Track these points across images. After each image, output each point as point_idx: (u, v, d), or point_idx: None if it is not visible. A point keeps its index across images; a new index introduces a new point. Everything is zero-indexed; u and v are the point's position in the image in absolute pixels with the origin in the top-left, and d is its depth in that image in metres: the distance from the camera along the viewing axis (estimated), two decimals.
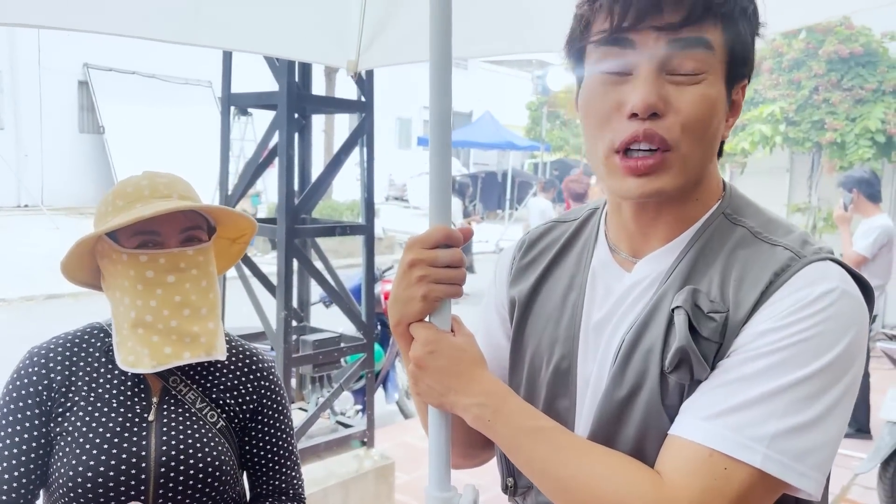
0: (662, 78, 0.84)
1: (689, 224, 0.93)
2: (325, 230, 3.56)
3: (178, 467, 1.27)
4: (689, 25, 0.83)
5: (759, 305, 0.84)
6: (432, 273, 0.93)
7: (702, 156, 0.88)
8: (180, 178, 1.37)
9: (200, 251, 1.32)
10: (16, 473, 1.26)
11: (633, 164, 0.86)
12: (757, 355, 0.81)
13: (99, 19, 1.85)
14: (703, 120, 0.85)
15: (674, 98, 0.84)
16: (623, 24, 0.84)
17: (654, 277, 0.92)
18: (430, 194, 1.00)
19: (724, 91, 0.87)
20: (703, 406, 0.83)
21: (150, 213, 1.24)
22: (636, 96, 0.84)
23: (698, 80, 0.84)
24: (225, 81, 3.41)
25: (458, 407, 0.93)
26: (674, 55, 0.84)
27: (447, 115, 0.99)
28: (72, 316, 8.02)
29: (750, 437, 0.79)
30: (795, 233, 0.90)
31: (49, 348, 1.34)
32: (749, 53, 0.89)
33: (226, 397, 1.37)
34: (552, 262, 1.06)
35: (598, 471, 0.85)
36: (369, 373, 3.67)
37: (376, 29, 2.11)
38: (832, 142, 7.40)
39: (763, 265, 0.86)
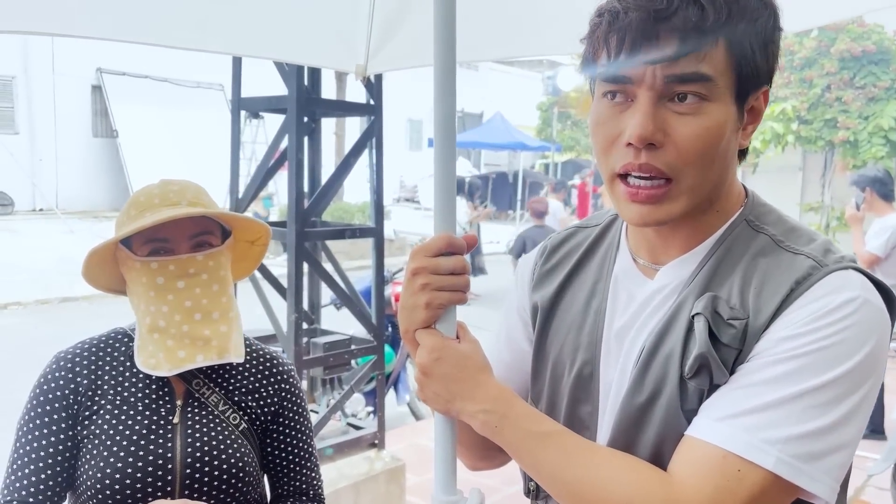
0: (663, 107, 0.84)
1: (710, 232, 0.93)
2: (334, 233, 3.58)
3: (204, 468, 1.30)
4: (685, 57, 0.81)
5: (779, 312, 0.84)
6: (435, 281, 0.94)
7: (713, 179, 0.88)
8: (193, 184, 1.39)
9: (210, 256, 1.34)
10: (42, 476, 1.29)
11: (633, 192, 0.87)
12: (776, 360, 0.82)
13: (109, 27, 1.88)
14: (706, 150, 0.84)
15: (673, 128, 0.84)
16: (619, 60, 0.84)
17: (675, 285, 0.93)
18: (435, 202, 1.01)
19: (732, 109, 0.86)
20: (720, 408, 0.83)
21: (150, 223, 1.27)
22: (632, 127, 0.84)
23: (700, 107, 0.83)
24: (235, 86, 3.43)
25: (465, 413, 0.93)
26: (671, 86, 0.83)
27: (451, 123, 1.00)
28: (87, 319, 8.12)
29: (764, 439, 0.79)
30: (818, 241, 0.90)
31: (75, 353, 1.37)
32: (762, 62, 0.87)
33: (247, 400, 1.40)
34: (575, 267, 1.06)
35: (607, 473, 0.85)
36: (380, 374, 3.68)
37: (385, 34, 2.12)
38: (845, 140, 7.35)
39: (784, 273, 0.86)
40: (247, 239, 1.47)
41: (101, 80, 16.11)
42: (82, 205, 16.03)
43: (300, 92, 3.10)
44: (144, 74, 16.30)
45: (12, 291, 9.07)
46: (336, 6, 2.10)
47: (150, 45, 1.97)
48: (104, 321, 1.47)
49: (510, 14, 1.86)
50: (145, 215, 1.30)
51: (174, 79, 16.66)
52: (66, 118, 15.95)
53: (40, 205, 15.66)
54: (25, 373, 6.54)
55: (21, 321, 8.13)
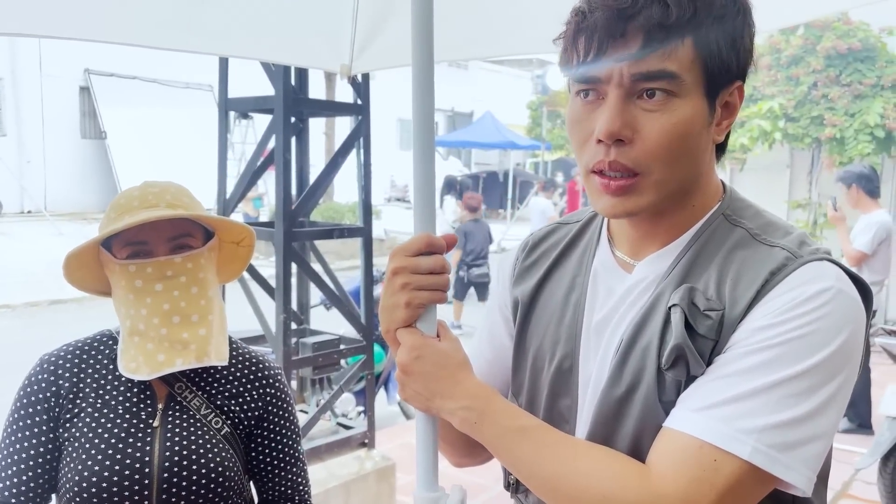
0: (633, 103, 0.86)
1: (686, 227, 0.94)
2: (322, 233, 3.58)
3: (181, 473, 1.29)
4: (650, 55, 0.83)
5: (754, 303, 0.85)
6: (414, 280, 0.95)
7: (680, 175, 0.89)
8: (174, 185, 1.38)
9: (189, 258, 1.33)
10: (24, 478, 1.29)
11: (605, 183, 0.89)
12: (751, 351, 0.83)
13: (96, 28, 1.87)
14: (672, 145, 0.86)
15: (642, 124, 0.85)
16: (587, 60, 0.86)
17: (653, 278, 0.94)
18: (414, 202, 1.02)
19: (703, 105, 0.87)
20: (696, 399, 0.84)
21: (122, 226, 1.26)
22: (600, 124, 0.86)
23: (667, 103, 0.85)
24: (222, 86, 3.43)
25: (444, 411, 0.94)
26: (638, 83, 0.85)
27: (430, 123, 1.01)
28: (76, 321, 8.07)
29: (740, 429, 0.80)
30: (793, 234, 0.92)
31: (59, 355, 1.36)
32: (733, 57, 0.88)
33: (230, 404, 1.38)
34: (555, 262, 1.08)
35: (584, 467, 0.86)
36: (369, 374, 3.69)
37: (369, 33, 2.12)
38: (831, 137, 7.39)
39: (760, 265, 0.87)
40: (232, 240, 1.46)
41: (90, 82, 16.02)
42: (71, 207, 15.94)
43: (287, 92, 3.10)
44: (133, 75, 16.23)
45: (1, 294, 9.02)
46: (320, 6, 2.10)
47: (137, 47, 1.96)
48: (94, 323, 1.47)
49: (493, 12, 1.87)
50: (124, 218, 1.30)
51: (163, 79, 16.59)
52: (54, 120, 15.85)
53: (28, 207, 15.56)
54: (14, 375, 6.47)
55: (10, 324, 8.09)
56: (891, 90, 7.25)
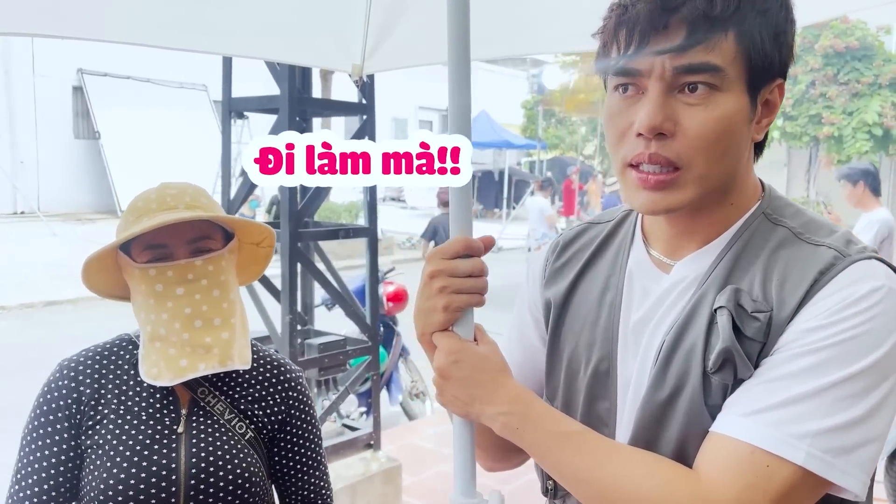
0: (673, 97, 0.84)
1: (725, 227, 0.93)
2: (328, 233, 3.56)
3: (209, 479, 1.27)
4: (694, 47, 0.82)
5: (803, 304, 0.83)
6: (453, 283, 0.93)
7: (722, 171, 0.88)
8: (192, 186, 1.36)
9: (210, 260, 1.31)
10: (45, 486, 1.27)
11: (644, 178, 0.87)
12: (801, 353, 0.81)
13: (101, 28, 1.85)
14: (716, 140, 0.84)
15: (684, 118, 0.84)
16: (628, 53, 0.85)
17: (693, 278, 0.92)
18: (451, 204, 1.00)
19: (745, 101, 0.86)
20: (745, 403, 0.82)
21: (140, 230, 1.24)
22: (641, 117, 0.85)
23: (709, 98, 0.84)
24: (225, 87, 3.40)
25: (485, 416, 0.93)
26: (681, 76, 0.83)
27: (466, 123, 0.99)
28: (72, 322, 8.03)
29: (792, 434, 0.79)
30: (838, 232, 0.90)
31: (78, 361, 1.34)
32: (774, 53, 0.87)
33: (254, 408, 1.37)
34: (587, 263, 1.06)
35: (631, 472, 0.84)
36: (374, 375, 3.67)
37: (381, 33, 2.11)
38: (830, 136, 7.42)
39: (807, 265, 0.86)
40: (251, 241, 1.44)
41: (83, 82, 15.93)
42: (65, 207, 15.84)
43: (292, 91, 3.08)
44: (126, 75, 16.14)
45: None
46: (333, 7, 2.08)
47: (148, 47, 1.94)
48: (90, 325, 1.46)
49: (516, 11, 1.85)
50: (142, 220, 1.28)
51: (156, 79, 16.50)
52: (48, 120, 15.75)
53: (22, 208, 15.46)
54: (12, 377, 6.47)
55: (6, 325, 8.03)
56: (888, 88, 7.28)
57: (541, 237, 9.50)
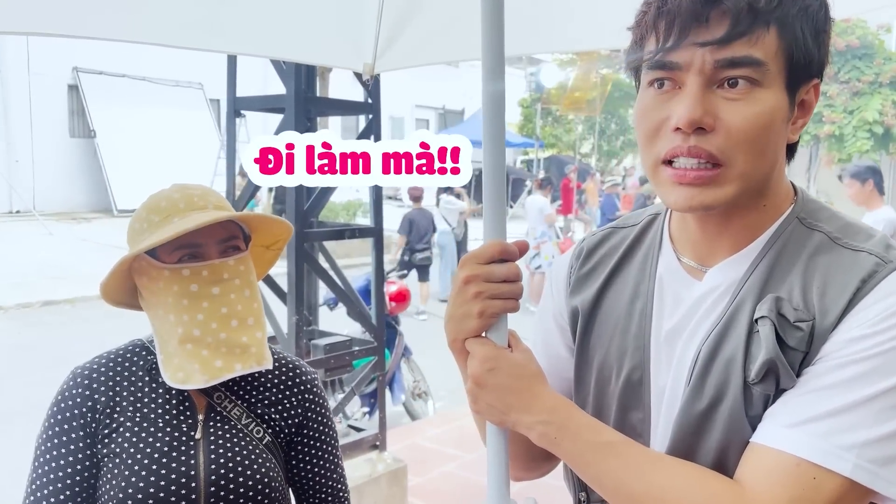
0: (712, 92, 0.83)
1: (758, 231, 0.91)
2: (334, 233, 3.55)
3: (228, 485, 1.26)
4: (736, 40, 0.80)
5: (846, 312, 0.82)
6: (488, 289, 0.91)
7: (763, 169, 0.86)
8: (211, 189, 1.35)
9: (241, 260, 1.30)
10: (62, 497, 1.24)
11: (681, 174, 0.85)
12: (846, 363, 0.80)
13: (108, 26, 1.83)
14: (756, 136, 0.82)
15: (724, 113, 0.82)
16: (668, 45, 0.83)
17: (727, 286, 0.90)
18: (485, 208, 0.99)
19: (784, 98, 0.84)
20: (789, 414, 0.81)
21: (193, 226, 1.21)
22: (680, 111, 0.82)
23: (750, 92, 0.82)
24: (230, 86, 3.38)
25: (521, 425, 0.91)
26: (721, 70, 0.82)
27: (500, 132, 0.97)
28: (70, 322, 7.98)
29: (839, 445, 0.78)
30: (876, 237, 0.88)
31: (92, 369, 1.31)
32: (813, 53, 0.85)
33: (270, 412, 1.35)
34: (614, 269, 1.04)
35: (674, 484, 0.83)
36: (380, 375, 3.65)
37: (393, 32, 2.09)
38: (830, 134, 7.42)
39: (847, 271, 0.84)
40: (263, 244, 1.43)
41: (78, 80, 15.86)
42: (60, 206, 15.77)
43: (299, 91, 3.05)
44: (122, 73, 16.07)
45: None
46: (344, 6, 2.06)
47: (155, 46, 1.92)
48: (87, 324, 1.43)
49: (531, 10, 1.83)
50: (173, 220, 1.26)
51: (152, 77, 16.44)
52: (43, 118, 15.66)
53: (17, 206, 15.38)
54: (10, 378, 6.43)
55: (3, 326, 7.98)
56: (889, 87, 7.29)
57: (540, 236, 9.48)
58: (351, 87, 3.13)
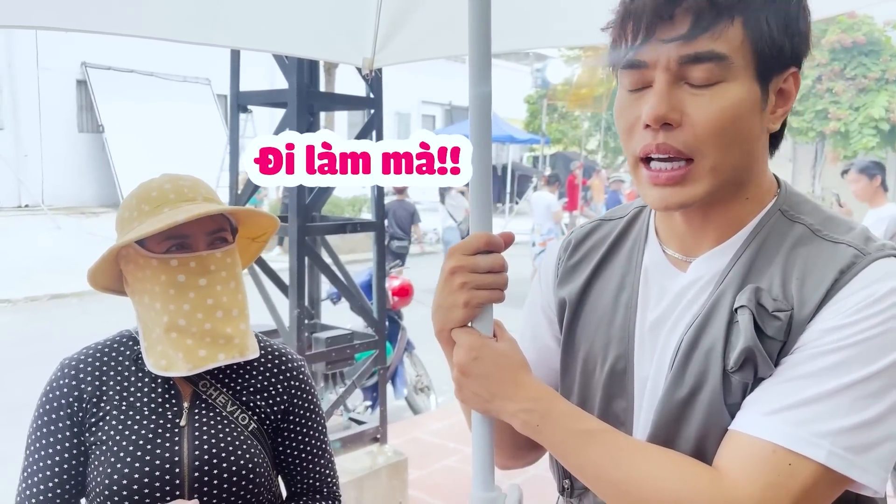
0: (680, 88, 0.84)
1: (742, 223, 0.92)
2: (335, 227, 3.56)
3: (212, 471, 1.28)
4: (699, 36, 0.82)
5: (824, 303, 0.83)
6: (473, 279, 0.93)
7: (735, 161, 0.87)
8: (201, 180, 1.37)
9: (228, 252, 1.32)
10: (51, 484, 1.28)
11: (655, 175, 0.87)
12: (822, 352, 0.81)
13: (111, 20, 1.84)
14: (724, 128, 0.84)
15: (690, 108, 0.84)
16: (635, 44, 0.85)
17: (710, 277, 0.92)
18: (471, 200, 1.00)
19: (755, 89, 0.85)
20: (766, 402, 0.82)
21: (184, 218, 1.23)
22: (647, 108, 0.85)
23: (716, 88, 0.84)
24: (234, 80, 3.40)
25: (505, 413, 0.92)
26: (687, 66, 0.83)
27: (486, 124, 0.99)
28: (77, 316, 8.05)
29: (814, 432, 0.79)
30: (857, 230, 0.90)
31: (79, 359, 1.34)
32: (783, 43, 0.86)
33: (256, 399, 1.37)
34: (601, 261, 1.05)
35: (654, 471, 0.84)
36: (381, 369, 3.68)
37: (393, 26, 2.10)
38: (836, 131, 7.39)
39: (826, 263, 0.85)
40: (249, 236, 1.46)
41: (87, 75, 15.93)
42: (69, 201, 15.86)
43: (301, 86, 3.07)
44: (130, 69, 16.13)
45: (1, 289, 8.97)
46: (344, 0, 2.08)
47: (155, 40, 1.94)
48: (94, 318, 1.46)
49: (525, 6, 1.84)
50: (163, 211, 1.27)
51: (160, 73, 16.50)
52: (51, 113, 15.75)
53: (26, 201, 15.48)
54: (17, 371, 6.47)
55: (11, 319, 8.05)
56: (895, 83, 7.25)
57: (546, 233, 9.48)
58: (358, 81, 3.14)
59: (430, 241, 14.52)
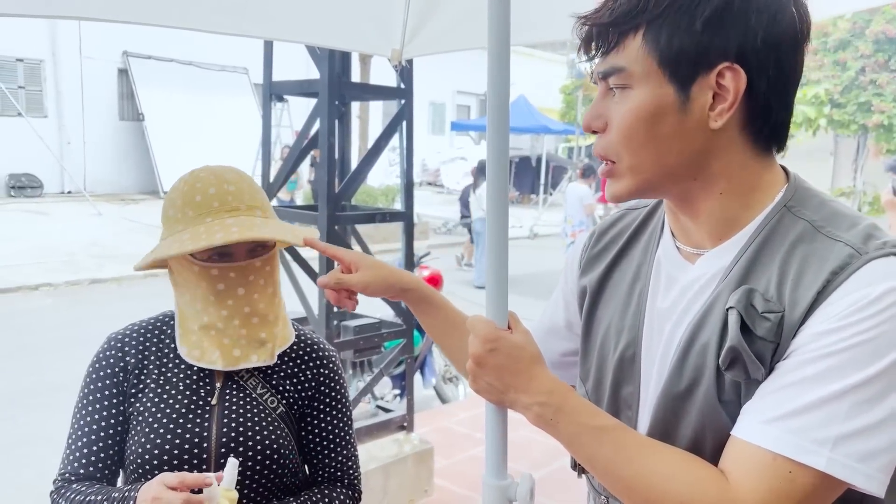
0: (610, 98, 0.93)
1: (738, 220, 0.91)
2: (365, 217, 3.59)
3: (237, 448, 1.33)
4: (607, 54, 0.91)
5: (815, 305, 0.82)
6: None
7: (653, 159, 0.89)
8: (245, 180, 1.37)
9: (267, 260, 1.37)
10: (95, 448, 1.35)
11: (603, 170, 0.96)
12: (816, 357, 0.81)
13: (148, 11, 1.88)
14: (630, 131, 0.89)
15: (610, 113, 0.92)
16: (581, 62, 0.96)
17: (713, 273, 0.92)
18: (488, 195, 1.03)
19: (668, 91, 0.86)
20: (765, 409, 0.83)
21: (220, 242, 1.26)
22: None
23: (623, 93, 0.90)
24: (266, 70, 3.44)
25: (519, 405, 0.94)
26: (603, 80, 0.92)
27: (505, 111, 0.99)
28: (115, 301, 8.23)
29: (813, 440, 0.79)
30: (860, 226, 0.87)
31: (125, 334, 1.42)
32: (690, 43, 0.85)
33: (286, 384, 1.42)
34: (622, 250, 1.08)
35: (663, 470, 0.85)
36: (409, 358, 3.70)
37: (421, 18, 2.11)
38: (879, 124, 7.19)
39: (821, 263, 0.84)
40: None
41: (128, 64, 16.22)
42: (110, 188, 16.21)
43: (332, 76, 3.10)
44: (170, 58, 16.39)
45: (43, 273, 9.22)
46: None
47: (191, 31, 1.98)
48: (132, 303, 1.50)
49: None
50: (206, 221, 1.30)
51: (199, 62, 16.74)
52: (94, 101, 16.09)
53: (69, 187, 15.86)
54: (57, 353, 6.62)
55: (52, 302, 8.27)
56: None
57: (577, 224, 9.41)
58: (393, 72, 3.16)
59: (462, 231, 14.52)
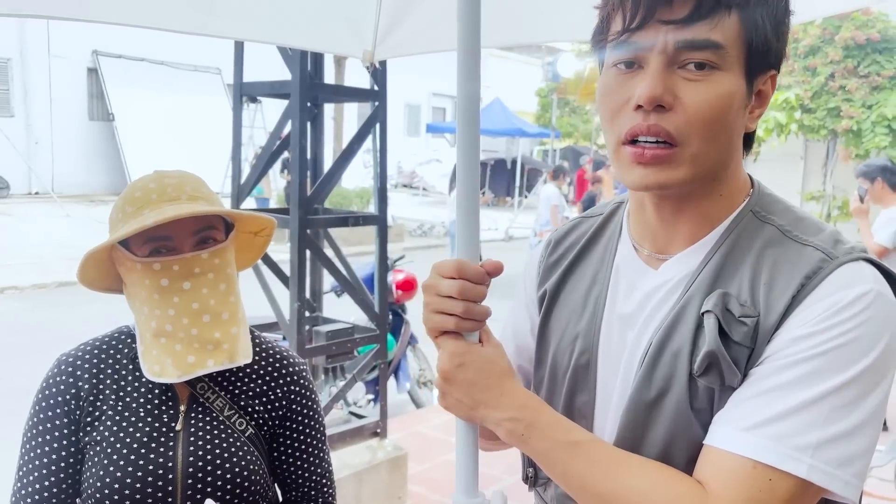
0: (673, 72, 0.83)
1: (714, 222, 0.91)
2: (337, 220, 3.54)
3: (206, 478, 1.25)
4: (697, 22, 0.81)
5: (790, 310, 0.82)
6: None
7: (717, 153, 0.86)
8: (190, 176, 1.31)
9: (216, 253, 1.26)
10: (47, 483, 1.24)
11: (639, 152, 0.85)
12: (792, 362, 0.80)
13: (113, 10, 1.83)
14: (714, 117, 0.83)
15: (683, 92, 0.83)
16: (633, 25, 0.83)
17: (680, 278, 0.90)
18: (458, 224, 0.98)
19: (742, 84, 0.85)
20: (742, 416, 0.81)
21: (152, 222, 1.18)
22: (641, 88, 0.83)
23: (709, 75, 0.83)
24: (237, 71, 3.38)
25: (490, 421, 0.91)
26: (682, 52, 0.82)
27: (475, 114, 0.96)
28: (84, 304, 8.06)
29: (793, 447, 0.77)
30: (826, 231, 0.88)
31: (77, 356, 1.31)
32: (772, 43, 0.86)
33: (254, 404, 1.34)
34: (577, 257, 1.05)
35: (639, 484, 0.83)
36: (382, 363, 3.66)
37: (393, 19, 2.07)
38: (848, 129, 7.31)
39: (793, 267, 0.84)
40: (249, 230, 1.41)
41: (98, 63, 15.97)
42: (78, 188, 15.93)
43: (304, 77, 3.05)
44: (141, 57, 16.16)
45: (9, 276, 9.03)
46: None
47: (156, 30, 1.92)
48: (101, 306, 1.45)
49: None
50: (144, 212, 1.23)
51: (171, 62, 16.53)
52: (62, 101, 15.81)
53: (36, 188, 15.56)
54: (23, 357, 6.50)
55: (19, 306, 8.09)
56: None
57: (545, 224, 9.50)
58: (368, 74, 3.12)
59: (438, 234, 14.51)
